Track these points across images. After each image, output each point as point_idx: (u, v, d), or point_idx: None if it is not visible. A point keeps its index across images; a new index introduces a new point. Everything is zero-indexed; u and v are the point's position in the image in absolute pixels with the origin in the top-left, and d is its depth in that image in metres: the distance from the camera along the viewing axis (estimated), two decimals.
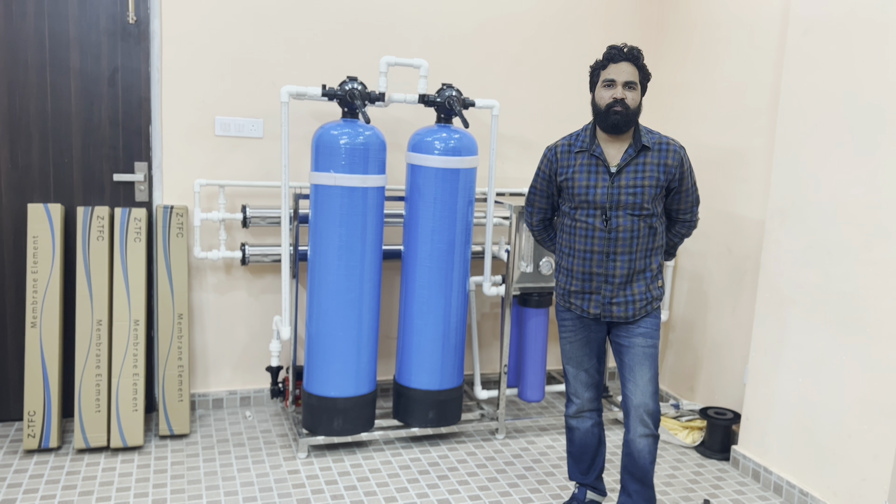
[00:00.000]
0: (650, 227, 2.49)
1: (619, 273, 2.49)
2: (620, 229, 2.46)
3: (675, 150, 2.50)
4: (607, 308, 2.53)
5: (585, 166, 2.50)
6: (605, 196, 2.46)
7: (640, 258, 2.49)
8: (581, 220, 2.51)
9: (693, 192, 2.59)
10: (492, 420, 3.51)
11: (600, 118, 2.46)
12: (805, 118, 2.92)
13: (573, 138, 2.58)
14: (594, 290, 2.53)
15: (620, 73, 2.42)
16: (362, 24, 3.56)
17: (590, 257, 2.50)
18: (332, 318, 3.10)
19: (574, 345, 2.64)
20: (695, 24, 3.73)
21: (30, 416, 3.07)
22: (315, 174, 3.05)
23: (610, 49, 2.45)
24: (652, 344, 2.55)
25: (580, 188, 2.49)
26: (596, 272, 2.51)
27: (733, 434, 3.39)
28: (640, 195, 2.45)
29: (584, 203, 2.49)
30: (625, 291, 2.51)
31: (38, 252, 3.10)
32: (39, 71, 3.18)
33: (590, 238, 2.49)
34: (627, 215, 2.45)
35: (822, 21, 2.84)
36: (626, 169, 2.46)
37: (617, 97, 2.41)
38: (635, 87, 2.44)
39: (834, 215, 2.79)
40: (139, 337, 3.16)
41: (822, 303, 2.85)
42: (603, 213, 2.47)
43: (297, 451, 3.22)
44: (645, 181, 2.45)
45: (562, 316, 2.66)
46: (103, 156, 3.33)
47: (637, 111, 2.45)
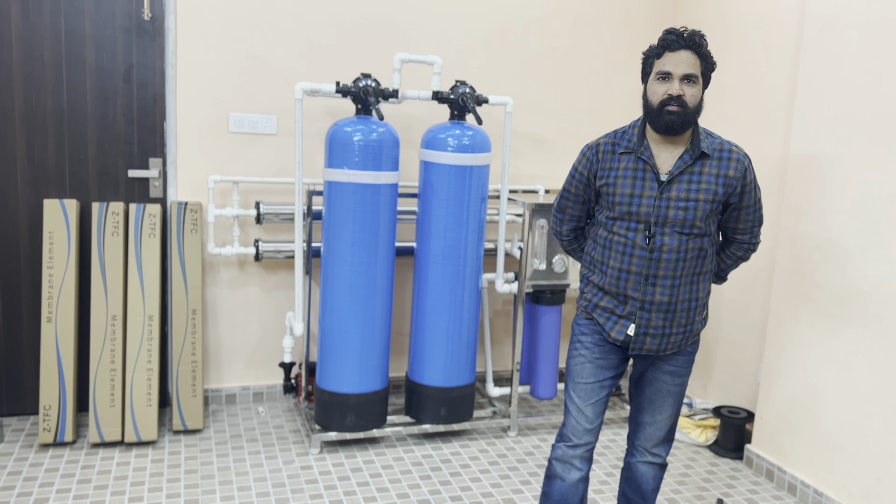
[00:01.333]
0: (700, 248, 2.12)
1: (658, 300, 2.12)
2: (665, 249, 2.09)
3: (738, 160, 2.11)
4: (638, 339, 2.15)
5: (631, 171, 2.12)
6: (652, 208, 2.09)
7: (684, 284, 2.13)
8: (619, 234, 2.14)
9: (756, 211, 2.20)
10: (504, 417, 3.51)
11: (652, 117, 2.08)
12: (821, 115, 2.89)
13: (618, 136, 2.19)
14: (626, 314, 2.15)
15: (678, 63, 2.03)
16: (376, 21, 3.56)
17: (626, 278, 2.13)
18: (344, 315, 3.11)
19: (587, 367, 2.22)
20: (711, 20, 3.71)
21: (45, 410, 3.09)
22: (328, 171, 3.06)
23: (666, 34, 2.05)
24: (681, 382, 2.24)
25: (622, 196, 2.12)
26: (631, 295, 2.14)
27: (747, 433, 3.37)
28: (692, 210, 2.07)
29: (625, 214, 2.12)
30: (663, 322, 2.14)
31: (53, 247, 3.12)
32: (55, 67, 3.20)
33: (627, 256, 2.12)
34: (675, 233, 2.08)
35: (839, 18, 2.82)
36: (680, 178, 2.09)
37: (673, 93, 2.03)
38: (696, 80, 2.05)
39: (850, 213, 2.77)
40: (153, 332, 3.18)
41: (837, 301, 2.83)
42: (647, 227, 2.10)
43: (309, 447, 3.23)
44: (700, 194, 2.08)
45: (579, 329, 2.26)
46: (118, 152, 3.34)
47: (697, 110, 2.07)
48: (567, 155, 3.99)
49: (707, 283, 2.20)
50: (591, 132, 4.01)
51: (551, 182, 4.00)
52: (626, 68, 4.01)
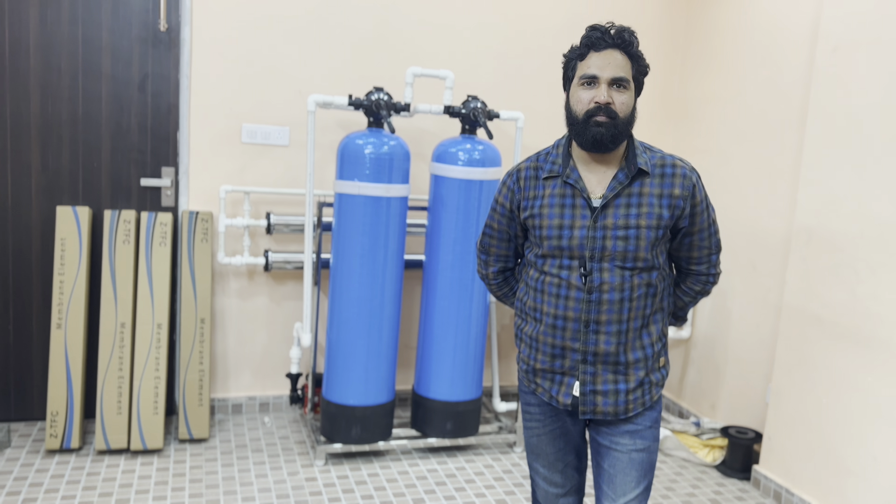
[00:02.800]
0: (648, 284, 1.79)
1: (602, 350, 1.78)
2: (605, 288, 1.76)
3: (684, 175, 1.78)
4: (588, 399, 1.81)
5: (558, 198, 1.79)
6: (586, 240, 1.76)
7: (633, 328, 1.79)
8: (551, 274, 1.80)
9: (712, 235, 1.87)
10: (510, 433, 3.49)
11: (577, 130, 1.75)
12: (833, 134, 2.89)
13: (541, 159, 1.86)
14: (567, 370, 1.82)
15: (605, 65, 1.71)
16: (389, 36, 3.58)
17: (562, 326, 1.79)
18: (352, 327, 3.11)
19: (543, 439, 1.94)
20: (723, 36, 3.72)
21: (52, 416, 3.10)
22: (339, 182, 3.07)
23: (590, 31, 1.74)
24: (644, 447, 1.85)
25: (550, 229, 1.79)
26: (570, 346, 1.80)
27: (755, 453, 3.34)
28: (633, 240, 1.75)
29: (555, 250, 1.79)
30: (614, 376, 1.80)
31: (65, 254, 3.15)
32: (72, 76, 3.24)
33: (562, 299, 1.79)
34: (616, 268, 1.76)
35: (851, 38, 2.82)
36: (615, 202, 1.76)
37: (600, 101, 1.70)
38: (627, 85, 1.73)
39: (861, 234, 2.76)
40: (161, 340, 3.19)
41: (847, 322, 2.81)
42: (581, 264, 1.77)
43: (314, 459, 3.22)
44: (641, 220, 1.75)
45: (526, 399, 1.96)
46: (131, 160, 3.37)
47: (629, 121, 1.75)
48: None
49: (662, 325, 1.88)
50: None
51: None
52: None
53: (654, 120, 4.07)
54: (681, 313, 2.01)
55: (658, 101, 4.07)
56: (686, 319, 2.04)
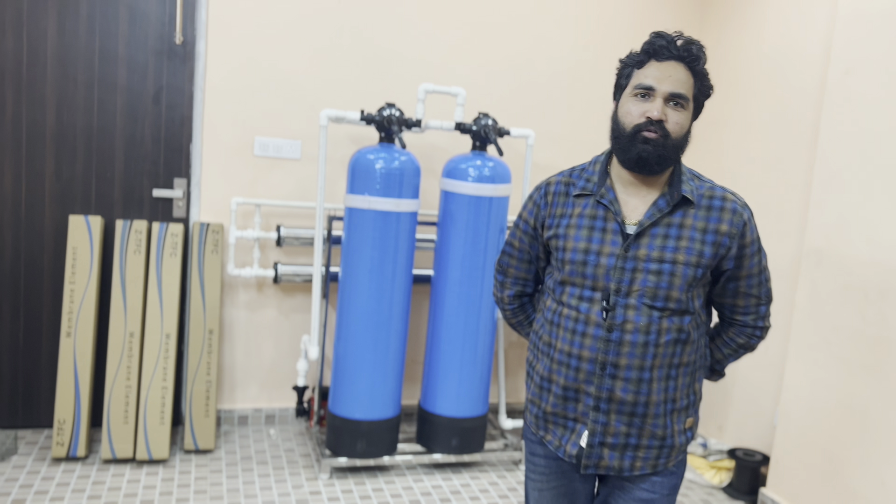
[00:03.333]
0: (679, 330, 1.56)
1: (618, 397, 1.56)
2: (629, 328, 1.54)
3: (734, 211, 1.57)
4: (594, 451, 1.60)
5: (588, 219, 1.59)
6: (613, 270, 1.55)
7: (658, 378, 1.57)
8: (569, 306, 1.60)
9: (762, 283, 1.64)
10: (515, 450, 3.48)
11: (621, 145, 1.55)
12: (844, 157, 2.89)
13: (575, 174, 1.67)
14: (579, 416, 1.61)
15: (665, 78, 1.52)
16: (402, 52, 3.61)
17: (576, 365, 1.58)
18: (359, 340, 3.11)
19: (545, 495, 1.72)
20: (734, 58, 3.73)
21: (60, 424, 3.11)
22: (350, 197, 3.09)
23: (654, 37, 1.54)
24: None
25: (574, 252, 1.58)
26: (584, 389, 1.59)
27: (762, 476, 3.32)
28: (667, 276, 1.53)
29: (577, 277, 1.58)
30: (627, 429, 1.58)
31: (76, 263, 3.17)
32: (88, 87, 3.27)
33: (579, 335, 1.58)
34: (643, 306, 1.54)
35: (863, 61, 2.82)
36: (652, 232, 1.55)
37: (652, 116, 1.51)
38: (685, 104, 1.54)
39: (871, 257, 2.75)
40: (170, 351, 3.20)
41: (857, 346, 2.80)
42: (605, 297, 1.56)
43: (319, 472, 3.22)
44: (679, 255, 1.54)
45: (531, 448, 1.75)
46: (144, 171, 3.40)
47: (681, 144, 1.56)
48: None
49: (692, 380, 1.64)
50: None
51: None
52: None
53: None
54: (718, 367, 1.76)
55: None
56: (724, 375, 1.79)
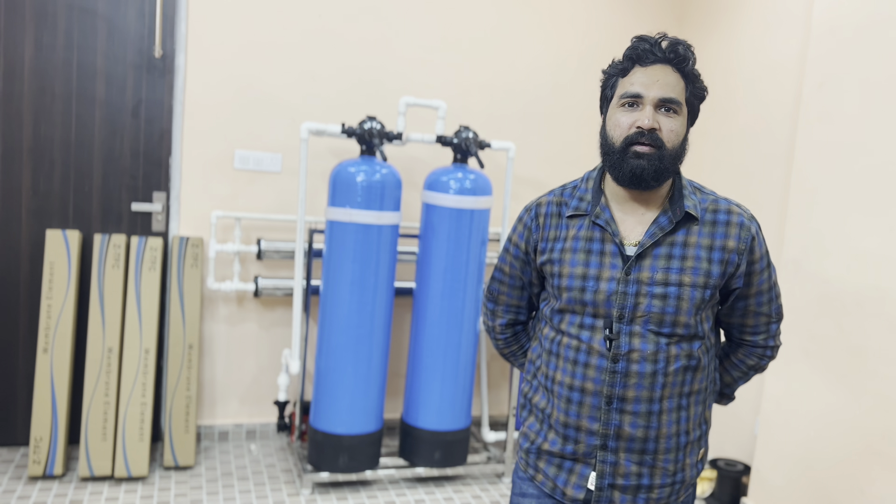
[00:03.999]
0: (689, 356, 1.46)
1: (627, 433, 1.45)
2: (635, 357, 1.44)
3: (741, 224, 1.47)
4: (603, 495, 1.48)
5: (584, 241, 1.49)
6: (615, 296, 1.44)
7: (668, 409, 1.46)
8: (569, 335, 1.49)
9: (772, 299, 1.54)
10: (498, 463, 3.47)
11: (612, 161, 1.45)
12: (820, 169, 2.93)
13: (566, 193, 1.56)
14: (581, 456, 1.49)
15: (652, 83, 1.42)
16: (383, 65, 3.62)
17: (578, 400, 1.47)
18: (341, 354, 3.10)
19: None
20: (711, 71, 3.78)
21: (36, 441, 3.06)
22: (331, 209, 3.08)
23: (637, 41, 1.44)
24: None
25: (571, 279, 1.47)
26: (587, 427, 1.47)
27: (743, 486, 3.33)
28: (674, 300, 1.43)
29: (576, 305, 1.48)
30: (637, 468, 1.47)
31: (53, 278, 3.13)
32: (65, 101, 3.25)
33: (581, 366, 1.47)
34: (650, 333, 1.44)
35: (838, 74, 2.87)
36: (654, 252, 1.45)
37: (643, 126, 1.41)
38: (678, 109, 1.44)
39: (848, 268, 2.78)
40: (149, 366, 3.17)
41: (835, 355, 2.82)
42: (607, 325, 1.45)
43: (300, 488, 3.19)
44: (685, 276, 1.43)
45: (520, 488, 1.60)
46: (123, 185, 3.37)
47: (678, 154, 1.45)
48: None
49: (703, 408, 1.53)
50: None
51: None
52: None
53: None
54: (727, 391, 1.66)
55: None
56: (734, 398, 1.68)
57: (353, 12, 3.55)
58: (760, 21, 3.46)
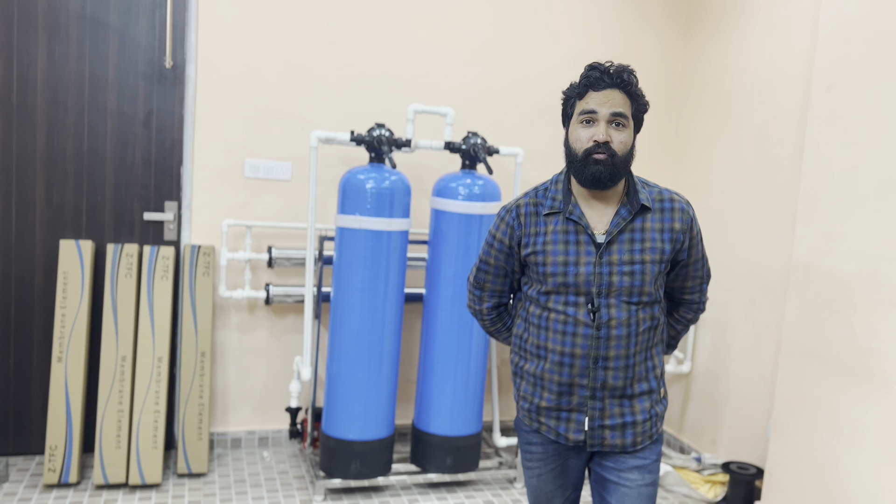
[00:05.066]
0: (652, 317, 1.83)
1: (611, 384, 1.81)
2: (614, 324, 1.78)
3: (682, 209, 1.85)
4: (596, 434, 1.83)
5: (561, 234, 1.81)
6: (592, 276, 1.78)
7: (639, 362, 1.83)
8: (556, 311, 1.81)
9: (703, 264, 1.95)
10: (510, 468, 3.47)
11: (576, 168, 1.78)
12: (829, 172, 2.92)
13: (540, 194, 1.88)
14: (576, 407, 1.83)
15: (604, 103, 1.75)
16: (391, 73, 3.64)
17: (569, 363, 1.81)
18: (352, 360, 3.11)
19: (544, 478, 1.94)
20: (719, 77, 3.78)
21: (51, 450, 3.09)
22: (341, 217, 3.10)
23: (589, 70, 1.78)
24: (651, 481, 1.88)
25: (555, 266, 1.80)
26: (578, 383, 1.81)
27: (756, 490, 3.32)
28: (639, 275, 1.78)
29: (560, 287, 1.80)
30: (621, 409, 1.83)
31: (67, 287, 3.16)
32: (78, 112, 3.28)
33: (569, 336, 1.80)
34: (623, 304, 1.78)
35: (845, 77, 2.86)
36: (619, 238, 1.79)
37: (598, 139, 1.74)
38: (626, 123, 1.77)
39: (859, 269, 2.78)
40: (162, 374, 3.19)
41: (847, 357, 2.81)
42: (588, 300, 1.78)
43: (313, 494, 3.20)
44: (646, 255, 1.79)
45: (527, 438, 1.95)
46: (135, 195, 3.40)
47: (628, 159, 1.79)
48: None
49: (661, 357, 1.92)
50: None
51: None
52: None
53: (652, 159, 4.12)
54: (673, 342, 2.06)
55: (655, 140, 4.12)
56: (675, 348, 2.07)
57: (361, 20, 3.57)
58: (767, 24, 3.46)
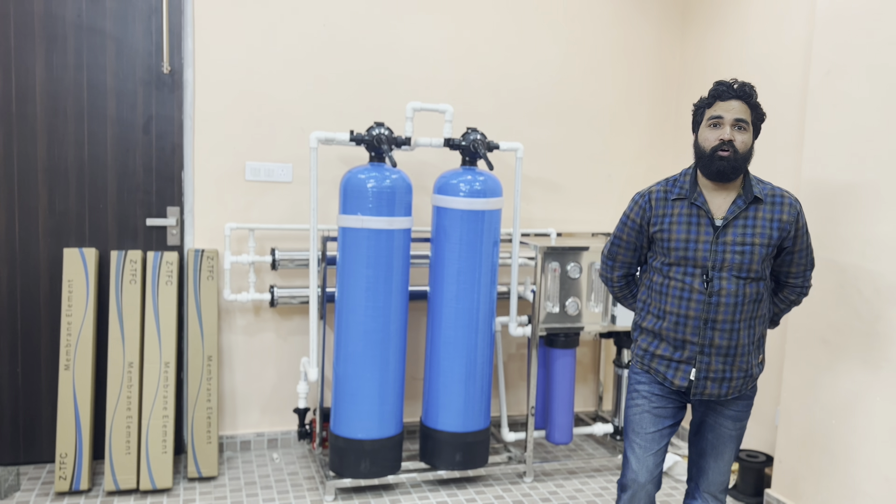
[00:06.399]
0: (757, 292, 2.18)
1: (717, 343, 2.17)
2: (723, 293, 2.15)
3: (791, 204, 2.20)
4: (700, 383, 2.20)
5: (685, 216, 2.20)
6: (709, 253, 2.15)
7: (743, 328, 2.18)
8: (676, 279, 2.20)
9: (808, 255, 2.28)
10: (519, 463, 3.48)
11: (704, 163, 2.17)
12: (830, 156, 2.92)
13: (670, 184, 2.27)
14: (686, 359, 2.21)
15: (729, 110, 2.14)
16: (389, 72, 3.64)
17: (684, 322, 2.19)
18: (359, 360, 3.12)
19: (646, 417, 2.28)
20: (718, 63, 3.77)
21: (61, 458, 3.10)
22: (343, 217, 3.10)
23: (717, 85, 2.17)
24: (742, 426, 2.30)
25: (678, 242, 2.19)
26: (690, 340, 2.19)
27: (766, 477, 3.32)
28: (749, 254, 2.14)
29: (681, 259, 2.18)
30: (723, 366, 2.19)
31: (72, 295, 3.17)
32: (77, 120, 3.29)
33: (685, 300, 2.18)
34: (732, 277, 2.14)
35: (844, 61, 2.86)
36: (734, 223, 2.16)
37: (724, 139, 2.12)
38: (746, 127, 2.15)
39: (863, 254, 2.77)
40: (169, 379, 3.20)
41: (853, 342, 2.81)
42: (704, 272, 2.16)
43: (324, 494, 3.21)
44: (755, 238, 2.15)
45: (636, 379, 2.33)
46: (137, 201, 3.41)
47: (747, 157, 2.17)
48: (578, 199, 4.02)
49: (763, 327, 2.25)
50: (601, 176, 4.05)
51: (563, 225, 4.03)
52: (633, 113, 4.06)
53: (652, 151, 4.11)
54: (776, 318, 2.42)
55: (655, 131, 4.11)
56: (778, 324, 2.45)
57: (357, 19, 3.57)
58: (765, 9, 3.45)
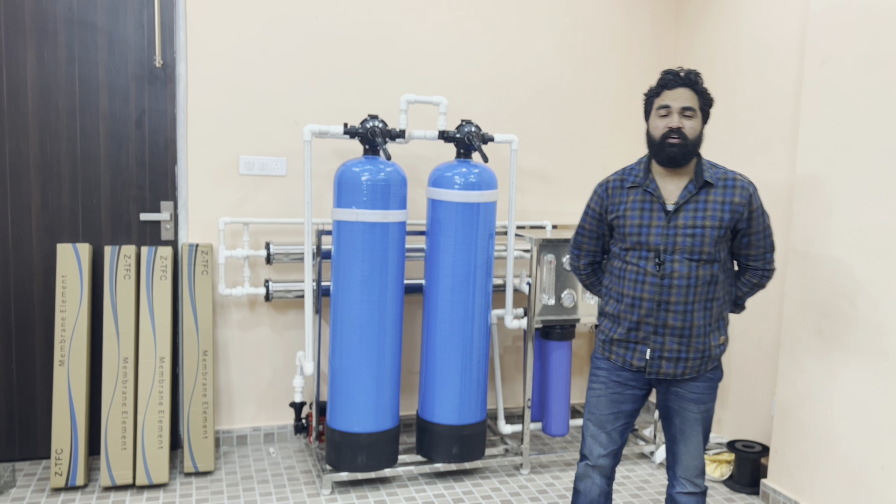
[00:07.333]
0: (711, 274, 2.22)
1: (671, 324, 2.23)
2: (675, 275, 2.20)
3: (742, 187, 2.24)
4: (654, 363, 2.27)
5: (639, 203, 2.26)
6: (661, 237, 2.21)
7: (698, 309, 2.22)
8: (631, 263, 2.27)
9: (767, 237, 2.30)
10: (516, 455, 3.48)
11: (655, 150, 2.24)
12: (824, 147, 2.91)
13: (626, 173, 2.35)
14: (641, 339, 2.28)
15: (676, 99, 2.20)
16: (383, 64, 3.62)
17: (639, 304, 2.25)
18: (354, 353, 3.11)
19: (601, 400, 2.37)
20: (713, 55, 3.76)
21: (57, 454, 3.09)
22: (337, 210, 3.09)
23: (664, 74, 2.24)
24: (706, 409, 2.33)
25: (632, 227, 2.26)
26: (644, 321, 2.26)
27: (762, 467, 3.33)
28: (699, 237, 2.19)
29: (635, 244, 2.25)
30: (678, 346, 2.24)
31: (66, 291, 3.16)
32: (70, 115, 3.27)
33: (640, 283, 2.24)
34: (685, 260, 2.20)
35: (839, 51, 2.85)
36: (685, 207, 2.22)
37: (672, 126, 2.19)
38: (694, 114, 2.21)
39: (858, 244, 2.77)
40: (165, 374, 3.19)
41: (848, 333, 2.81)
42: (656, 256, 2.22)
43: (320, 488, 3.21)
44: (706, 221, 2.20)
45: (596, 365, 2.41)
46: (130, 196, 3.40)
47: (697, 142, 2.22)
48: (573, 190, 4.02)
49: (721, 309, 2.29)
50: (597, 167, 4.04)
51: (558, 217, 4.02)
52: (628, 104, 4.06)
53: None
54: (740, 302, 2.41)
55: None
56: (744, 307, 2.45)
57: (350, 11, 3.55)
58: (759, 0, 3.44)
